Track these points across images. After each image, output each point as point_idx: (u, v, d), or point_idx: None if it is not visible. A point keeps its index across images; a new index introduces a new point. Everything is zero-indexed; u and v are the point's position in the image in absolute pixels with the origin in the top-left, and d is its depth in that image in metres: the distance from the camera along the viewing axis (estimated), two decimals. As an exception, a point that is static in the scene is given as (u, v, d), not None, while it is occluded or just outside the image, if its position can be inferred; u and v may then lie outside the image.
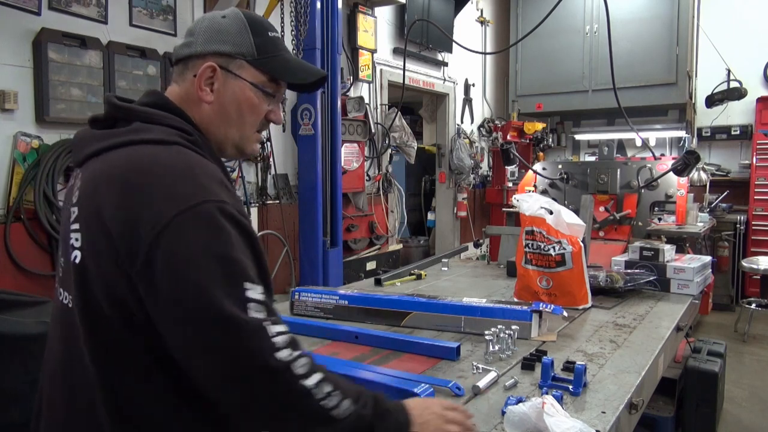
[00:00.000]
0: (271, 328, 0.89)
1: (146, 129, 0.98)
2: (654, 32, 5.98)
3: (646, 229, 3.34)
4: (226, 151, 1.11)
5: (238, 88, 1.06)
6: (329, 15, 3.55)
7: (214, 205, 0.89)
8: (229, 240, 0.89)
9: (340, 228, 3.85)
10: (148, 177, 0.91)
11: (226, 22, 1.06)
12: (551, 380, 1.43)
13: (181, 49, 1.08)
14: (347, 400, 0.93)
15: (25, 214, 2.84)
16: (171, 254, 0.86)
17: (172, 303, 0.87)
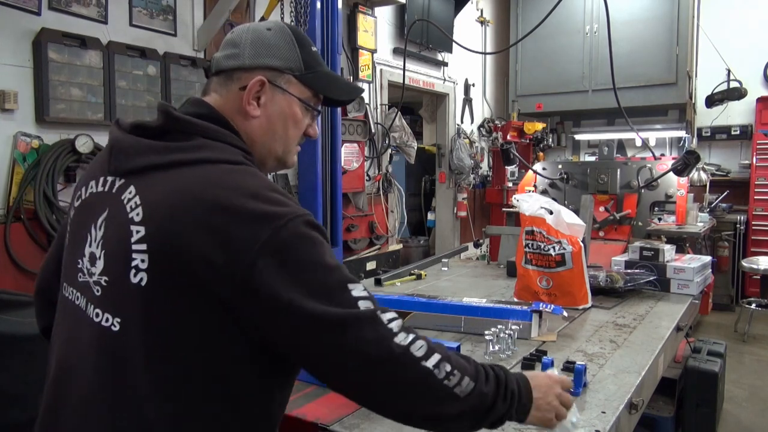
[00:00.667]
0: (383, 315, 0.92)
1: (212, 147, 0.96)
2: (654, 32, 5.98)
3: (646, 229, 3.34)
4: (267, 165, 1.10)
5: (286, 103, 1.06)
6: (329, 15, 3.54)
7: (301, 219, 0.90)
8: (323, 249, 0.91)
9: (340, 228, 3.83)
10: (233, 198, 0.88)
11: (273, 36, 1.05)
12: (551, 380, 1.43)
13: (226, 61, 1.05)
14: (467, 377, 0.93)
15: (25, 214, 2.84)
16: (271, 274, 0.85)
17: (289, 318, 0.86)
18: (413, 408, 0.91)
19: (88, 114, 3.08)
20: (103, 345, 0.92)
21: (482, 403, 0.94)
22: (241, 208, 0.87)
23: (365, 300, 0.91)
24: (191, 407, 0.90)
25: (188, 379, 0.89)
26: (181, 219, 0.88)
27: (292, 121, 1.07)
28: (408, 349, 0.90)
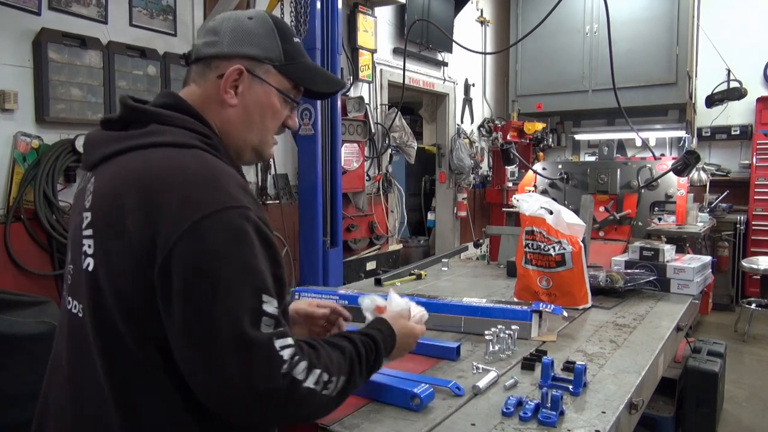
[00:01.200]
0: (278, 342, 0.87)
1: (163, 131, 0.95)
2: (654, 32, 5.98)
3: (646, 229, 3.34)
4: (244, 156, 1.09)
5: (264, 93, 1.05)
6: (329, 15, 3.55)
7: (237, 211, 0.87)
8: (251, 248, 0.88)
9: (340, 228, 3.84)
10: (168, 181, 0.88)
11: (254, 25, 1.04)
12: (551, 380, 1.43)
13: (205, 48, 1.04)
14: (342, 377, 0.96)
15: (25, 214, 2.84)
16: (188, 261, 0.84)
17: (185, 312, 0.84)
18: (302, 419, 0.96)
19: (88, 114, 3.08)
20: (73, 331, 0.97)
21: (352, 389, 1.00)
22: (174, 193, 0.86)
23: (270, 318, 0.87)
24: (140, 386, 0.90)
25: (133, 360, 0.90)
26: (118, 202, 0.89)
27: (270, 111, 1.06)
28: (292, 379, 0.87)
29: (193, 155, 0.93)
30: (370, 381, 1.37)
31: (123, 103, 1.00)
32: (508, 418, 1.27)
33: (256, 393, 0.85)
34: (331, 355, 0.96)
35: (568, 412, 1.30)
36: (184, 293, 0.84)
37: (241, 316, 0.84)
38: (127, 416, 0.90)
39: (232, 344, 0.83)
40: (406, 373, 1.45)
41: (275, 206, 4.18)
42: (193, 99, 1.03)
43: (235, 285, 0.85)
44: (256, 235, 0.89)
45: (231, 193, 0.89)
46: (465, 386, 1.41)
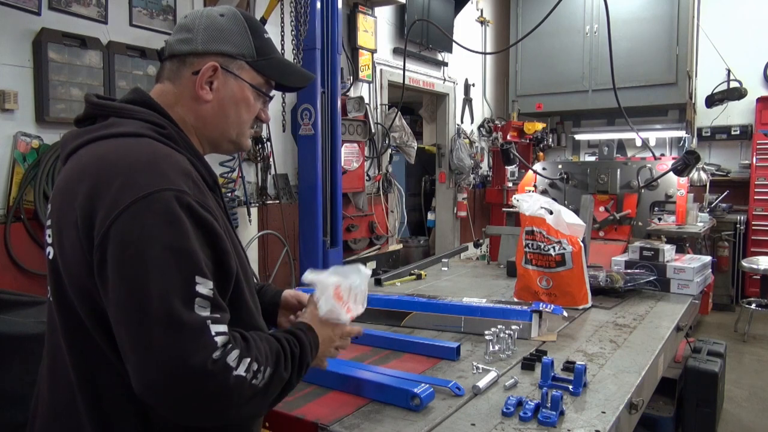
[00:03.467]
0: (213, 327, 0.87)
1: (119, 123, 0.99)
2: (654, 32, 5.98)
3: (646, 229, 3.34)
4: (221, 147, 1.13)
5: (238, 88, 1.08)
6: (329, 15, 3.55)
7: (171, 193, 0.88)
8: (183, 230, 0.88)
9: (340, 228, 3.84)
10: (111, 168, 0.91)
11: (226, 22, 1.07)
12: (551, 380, 1.43)
13: (178, 45, 1.06)
14: (269, 368, 0.94)
15: (25, 214, 2.84)
16: (121, 241, 0.85)
17: (117, 292, 0.86)
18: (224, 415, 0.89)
19: (88, 114, 3.08)
20: (49, 318, 1.02)
21: (279, 384, 0.97)
22: (112, 179, 0.89)
23: (204, 300, 0.87)
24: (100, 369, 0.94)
25: (93, 343, 0.93)
26: (68, 192, 0.93)
27: (244, 105, 1.10)
28: (225, 364, 0.87)
29: (141, 143, 0.95)
30: (370, 381, 1.37)
31: (86, 100, 1.04)
32: (508, 418, 1.27)
33: (187, 376, 0.84)
34: (259, 345, 0.95)
35: (568, 412, 1.30)
36: (117, 273, 0.86)
37: (172, 296, 0.84)
38: (91, 399, 0.94)
39: (163, 324, 0.83)
40: (406, 373, 1.45)
41: (275, 206, 4.17)
42: (166, 95, 1.06)
43: (165, 265, 0.85)
44: (190, 219, 0.90)
45: (169, 177, 0.90)
46: (465, 386, 1.41)
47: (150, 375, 0.84)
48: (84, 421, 0.94)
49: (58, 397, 0.99)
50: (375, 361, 1.61)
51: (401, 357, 1.65)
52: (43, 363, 1.05)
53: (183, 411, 0.88)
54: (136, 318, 0.84)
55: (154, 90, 1.08)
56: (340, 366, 1.46)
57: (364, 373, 1.43)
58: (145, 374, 0.85)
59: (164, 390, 0.84)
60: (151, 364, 0.84)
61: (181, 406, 0.87)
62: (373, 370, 1.49)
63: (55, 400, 0.99)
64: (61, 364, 0.97)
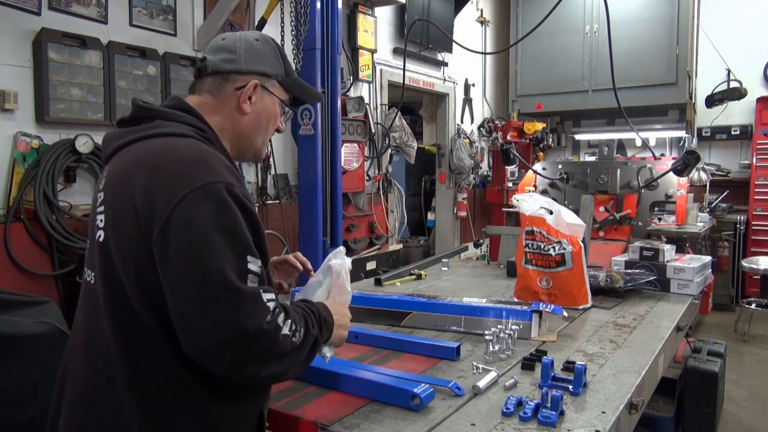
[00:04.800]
0: (265, 295, 1.02)
1: (165, 125, 1.13)
2: (654, 32, 5.98)
3: (646, 229, 3.34)
4: (246, 155, 1.30)
5: (271, 102, 1.26)
6: (329, 15, 3.54)
7: (222, 185, 1.02)
8: (233, 216, 1.02)
9: (340, 228, 3.84)
10: (167, 162, 1.05)
11: (261, 46, 1.25)
12: (551, 380, 1.43)
13: (223, 64, 1.22)
14: (302, 328, 1.09)
15: (25, 214, 2.84)
16: (183, 226, 0.98)
17: (181, 268, 0.98)
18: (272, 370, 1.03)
19: (88, 114, 3.08)
20: (87, 297, 1.14)
21: (311, 341, 1.11)
22: (168, 171, 1.03)
23: (255, 275, 1.02)
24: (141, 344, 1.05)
25: (137, 319, 1.04)
26: (125, 181, 1.07)
27: (273, 118, 1.28)
28: (276, 323, 1.01)
29: (188, 143, 1.10)
30: (370, 381, 1.37)
31: (134, 104, 1.18)
32: (508, 418, 1.27)
33: (246, 335, 0.97)
34: (293, 309, 1.12)
35: (568, 412, 1.30)
36: (179, 253, 0.98)
37: (229, 271, 0.98)
38: (130, 371, 1.05)
39: (224, 293, 0.97)
40: (406, 373, 1.45)
41: (275, 206, 4.18)
42: (205, 105, 1.21)
43: (222, 246, 0.99)
44: (238, 207, 1.04)
45: (218, 172, 1.04)
46: (465, 386, 1.41)
47: (215, 336, 0.96)
48: (122, 392, 1.04)
49: (95, 371, 1.09)
50: (375, 361, 1.61)
51: (401, 357, 1.65)
52: (74, 341, 1.16)
53: (239, 366, 1.00)
54: (199, 290, 0.97)
55: (191, 99, 1.22)
56: (340, 366, 1.46)
57: (364, 373, 1.43)
58: (209, 336, 0.97)
59: (226, 348, 0.97)
60: (215, 327, 0.96)
61: (238, 362, 0.99)
62: (373, 370, 1.49)
63: (92, 373, 1.09)
64: (100, 339, 1.07)
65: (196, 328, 0.98)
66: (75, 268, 2.98)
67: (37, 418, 2.08)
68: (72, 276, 2.97)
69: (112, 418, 1.05)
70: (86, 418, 1.09)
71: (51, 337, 2.19)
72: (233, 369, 1.01)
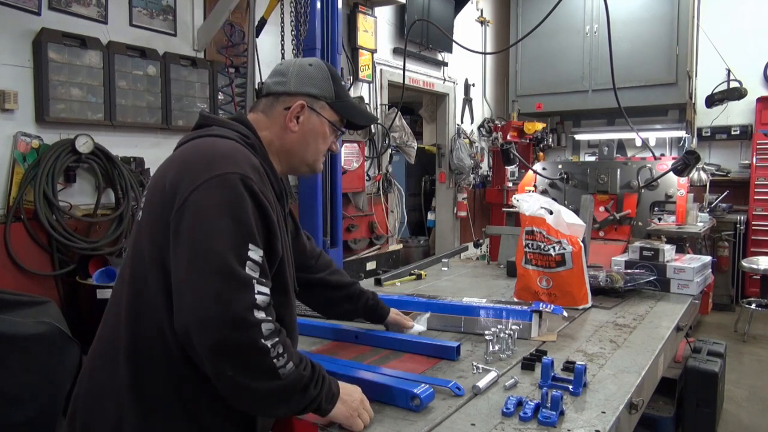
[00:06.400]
0: (258, 287, 1.06)
1: (217, 130, 1.24)
2: (654, 32, 5.98)
3: (646, 229, 3.34)
4: (299, 170, 1.38)
5: (319, 123, 1.34)
6: (329, 15, 3.54)
7: (238, 176, 1.10)
8: (244, 205, 1.08)
9: (340, 228, 3.84)
10: (197, 154, 1.16)
11: (314, 70, 1.34)
12: (551, 380, 1.43)
13: (275, 86, 1.33)
14: (291, 362, 1.08)
15: (25, 214, 2.84)
16: (196, 207, 1.07)
17: (185, 245, 1.05)
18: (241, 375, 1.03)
19: (88, 114, 3.08)
20: (120, 273, 1.22)
21: (298, 383, 1.09)
22: (197, 161, 1.13)
23: (254, 264, 1.07)
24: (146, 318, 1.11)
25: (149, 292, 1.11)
26: (165, 169, 1.18)
27: (322, 137, 1.35)
28: (260, 324, 1.04)
29: (226, 142, 1.19)
30: (370, 381, 1.37)
31: (200, 114, 1.32)
32: (508, 418, 1.27)
33: (226, 319, 1.00)
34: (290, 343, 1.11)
35: (568, 412, 1.30)
36: (188, 232, 1.06)
37: (229, 253, 1.04)
38: (131, 341, 1.11)
39: (219, 273, 1.03)
40: (406, 373, 1.45)
41: (275, 206, 4.17)
42: (258, 121, 1.31)
43: (227, 230, 1.05)
44: (251, 199, 1.10)
45: (240, 165, 1.12)
46: (465, 386, 1.41)
47: (197, 312, 1.01)
48: (121, 354, 1.12)
49: (106, 332, 1.18)
50: (375, 361, 1.61)
51: (401, 357, 1.65)
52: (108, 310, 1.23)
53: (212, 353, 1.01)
54: (197, 266, 1.03)
55: (249, 116, 1.33)
56: (340, 366, 1.46)
57: (364, 373, 1.43)
58: (192, 312, 1.02)
59: (204, 327, 1.01)
60: (199, 303, 1.01)
61: (213, 348, 1.01)
62: (373, 370, 1.49)
63: (103, 334, 1.19)
64: (118, 306, 1.16)
65: (184, 302, 1.03)
66: (75, 268, 2.98)
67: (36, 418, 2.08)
68: (72, 276, 2.97)
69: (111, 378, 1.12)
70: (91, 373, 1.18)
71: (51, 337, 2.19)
72: (206, 354, 1.01)
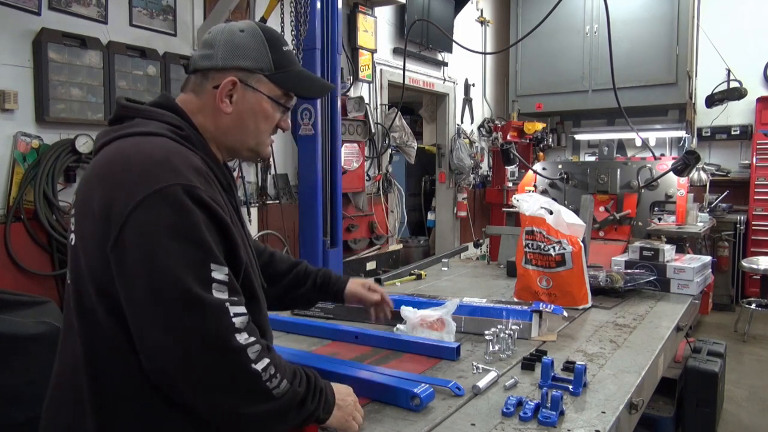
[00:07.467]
0: (232, 308, 0.95)
1: (142, 123, 1.06)
2: (654, 32, 5.98)
3: (646, 229, 3.34)
4: (241, 154, 1.19)
5: (256, 100, 1.14)
6: (329, 15, 3.55)
7: (181, 187, 0.94)
8: (195, 221, 0.94)
9: (340, 228, 3.84)
10: (126, 163, 0.98)
11: (245, 38, 1.12)
12: (551, 380, 1.43)
13: (201, 61, 1.13)
14: (285, 380, 1.00)
15: (25, 214, 2.84)
16: (139, 233, 0.92)
17: (137, 280, 0.91)
18: (233, 404, 0.94)
19: (88, 114, 3.08)
20: (66, 299, 1.09)
21: (294, 400, 1.01)
22: (127, 173, 0.96)
23: (221, 285, 0.95)
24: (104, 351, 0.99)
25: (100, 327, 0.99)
26: (89, 185, 1.02)
27: (263, 116, 1.15)
28: (245, 349, 0.94)
29: (156, 141, 1.02)
30: (370, 381, 1.37)
31: (117, 103, 1.12)
32: (508, 418, 1.27)
33: (208, 353, 0.91)
34: (279, 357, 1.02)
35: (568, 412, 1.30)
36: (134, 263, 0.92)
37: (190, 280, 0.91)
38: (93, 380, 1.00)
39: (182, 303, 0.90)
40: (406, 373, 1.45)
41: (275, 206, 4.18)
42: (189, 103, 1.13)
43: (181, 253, 0.92)
44: (201, 211, 0.96)
45: (180, 172, 0.96)
46: (465, 386, 1.41)
47: (172, 353, 0.90)
48: (85, 396, 1.00)
49: (64, 371, 1.06)
50: (375, 361, 1.61)
51: (401, 357, 1.65)
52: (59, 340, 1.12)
53: (202, 390, 0.92)
54: (156, 301, 0.90)
55: (179, 98, 1.15)
56: (340, 366, 1.46)
57: (364, 373, 1.43)
58: (165, 353, 0.91)
59: (184, 366, 0.91)
60: (173, 343, 0.90)
61: (199, 385, 0.92)
62: (373, 370, 1.49)
63: (62, 372, 1.07)
64: (71, 340, 1.03)
65: (153, 342, 0.91)
66: (75, 268, 2.98)
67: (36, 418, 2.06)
68: (72, 276, 2.97)
69: (74, 426, 1.01)
70: (52, 423, 1.07)
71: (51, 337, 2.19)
72: (192, 391, 0.93)
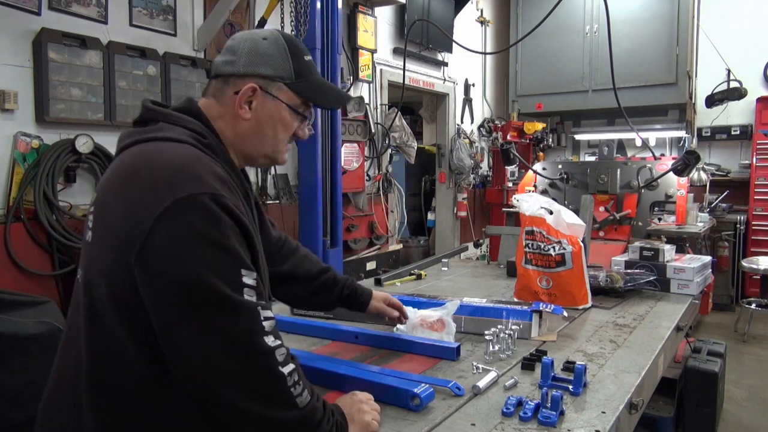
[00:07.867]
0: (263, 312, 0.96)
1: (166, 128, 1.06)
2: (654, 32, 5.98)
3: (646, 229, 3.34)
4: (257, 161, 1.21)
5: (275, 108, 1.15)
6: (329, 15, 3.55)
7: (209, 196, 0.95)
8: (224, 228, 0.96)
9: (340, 228, 3.84)
10: (150, 168, 0.98)
11: (267, 46, 1.15)
12: (551, 380, 1.43)
13: (223, 67, 1.15)
14: (307, 391, 1.01)
15: (25, 214, 2.84)
16: (168, 239, 0.92)
17: (166, 285, 0.92)
18: (258, 406, 0.94)
19: (88, 114, 3.08)
20: (74, 295, 1.09)
21: (314, 416, 1.01)
22: (151, 178, 0.96)
23: (251, 289, 0.96)
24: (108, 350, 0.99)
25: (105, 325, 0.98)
26: (109, 185, 1.02)
27: (281, 124, 1.17)
28: (273, 351, 0.96)
29: (179, 148, 1.02)
30: (370, 381, 1.37)
31: (143, 105, 1.12)
32: (508, 418, 1.27)
33: (240, 351, 0.92)
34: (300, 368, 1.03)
35: (568, 412, 1.30)
36: (164, 272, 0.92)
37: (224, 285, 0.92)
38: (94, 383, 0.99)
39: (215, 304, 0.92)
40: (406, 373, 1.45)
41: (275, 206, 4.17)
42: (210, 108, 1.14)
43: (213, 259, 0.93)
44: (228, 218, 0.97)
45: (206, 181, 0.97)
46: (465, 386, 1.41)
47: (203, 353, 0.91)
48: (84, 399, 0.99)
49: (65, 372, 1.05)
50: (375, 361, 1.61)
51: (401, 357, 1.65)
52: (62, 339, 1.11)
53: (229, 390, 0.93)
54: (189, 304, 0.91)
55: (201, 102, 1.16)
56: (340, 366, 1.46)
57: (364, 373, 1.43)
58: (198, 350, 0.91)
59: (215, 367, 0.92)
60: (205, 344, 0.91)
61: (227, 384, 0.93)
62: (373, 370, 1.49)
63: (62, 374, 1.06)
64: (75, 339, 1.03)
65: (186, 342, 0.92)
66: (75, 268, 2.98)
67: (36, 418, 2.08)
68: (72, 276, 2.97)
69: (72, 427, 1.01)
70: (49, 424, 1.07)
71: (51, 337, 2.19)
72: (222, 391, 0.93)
